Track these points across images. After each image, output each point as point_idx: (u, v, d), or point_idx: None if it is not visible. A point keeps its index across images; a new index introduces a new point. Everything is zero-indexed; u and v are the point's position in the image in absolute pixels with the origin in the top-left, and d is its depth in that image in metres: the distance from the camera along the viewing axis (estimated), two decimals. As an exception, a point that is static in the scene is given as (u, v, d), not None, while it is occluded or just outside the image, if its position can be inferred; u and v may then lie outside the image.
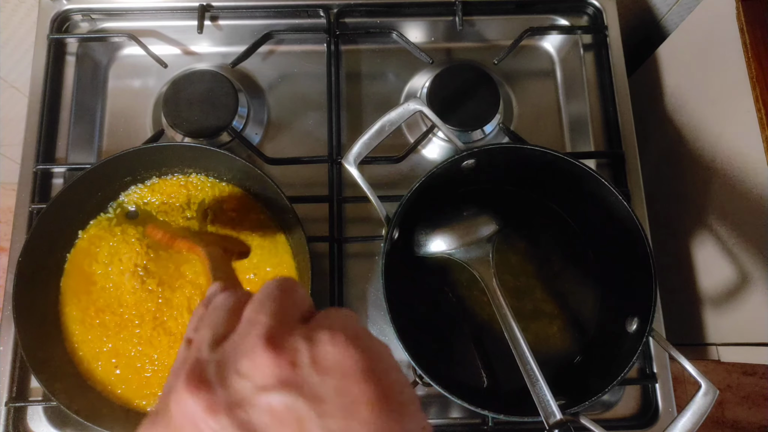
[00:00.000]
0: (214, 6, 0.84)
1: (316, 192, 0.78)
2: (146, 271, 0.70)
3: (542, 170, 0.69)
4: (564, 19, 0.88)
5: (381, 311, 0.76)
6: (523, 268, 0.74)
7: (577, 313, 0.73)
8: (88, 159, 0.81)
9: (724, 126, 0.78)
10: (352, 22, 0.86)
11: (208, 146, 0.69)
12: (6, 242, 0.94)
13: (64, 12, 0.84)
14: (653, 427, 0.72)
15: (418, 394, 0.73)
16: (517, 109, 0.85)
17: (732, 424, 1.46)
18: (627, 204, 0.63)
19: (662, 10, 0.97)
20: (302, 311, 0.34)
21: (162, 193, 0.73)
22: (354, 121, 0.84)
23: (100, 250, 0.70)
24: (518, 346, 0.60)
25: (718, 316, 0.83)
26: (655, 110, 0.94)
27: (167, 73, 0.83)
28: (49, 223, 0.67)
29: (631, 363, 0.59)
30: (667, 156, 0.92)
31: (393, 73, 0.86)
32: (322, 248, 0.75)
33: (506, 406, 0.61)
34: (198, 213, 0.72)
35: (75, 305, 0.69)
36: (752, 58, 0.68)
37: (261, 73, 0.86)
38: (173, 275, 0.70)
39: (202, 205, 0.73)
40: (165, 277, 0.70)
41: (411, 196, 0.64)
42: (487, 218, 0.70)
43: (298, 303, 0.34)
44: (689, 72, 0.86)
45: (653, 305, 0.61)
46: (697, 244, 0.86)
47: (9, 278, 0.67)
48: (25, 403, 0.70)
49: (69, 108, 0.82)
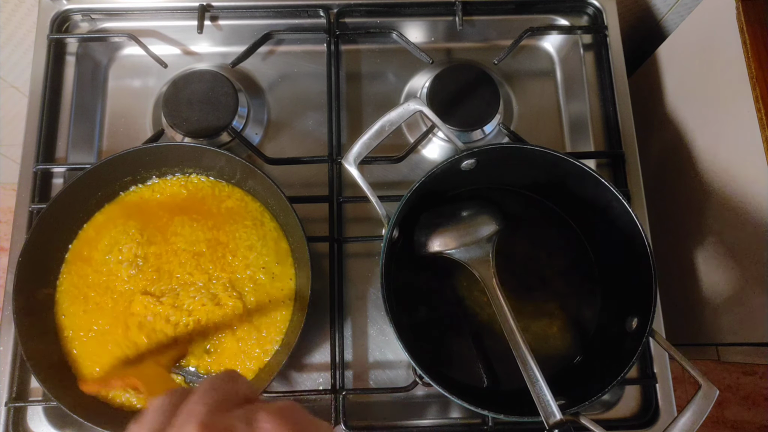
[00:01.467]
0: (214, 6, 0.84)
1: (316, 192, 0.78)
2: (143, 271, 0.70)
3: (542, 170, 0.69)
4: (564, 19, 0.88)
5: (381, 311, 0.76)
6: (523, 268, 0.74)
7: (577, 313, 0.73)
8: (88, 159, 0.82)
9: (724, 126, 0.78)
10: (352, 22, 0.86)
11: (207, 146, 0.69)
12: (6, 242, 0.94)
13: (64, 12, 0.84)
14: (653, 427, 0.72)
15: (418, 394, 0.73)
16: (517, 109, 0.85)
17: (732, 424, 1.46)
18: (627, 204, 0.63)
19: (662, 10, 0.97)
20: (245, 398, 0.35)
21: (162, 193, 0.73)
22: (354, 121, 0.84)
23: (99, 249, 0.71)
24: (518, 346, 0.60)
25: (718, 316, 0.83)
26: (655, 110, 0.94)
27: (167, 73, 0.83)
28: (49, 223, 0.67)
29: (631, 363, 0.59)
30: (667, 156, 0.92)
31: (393, 73, 0.86)
32: (322, 248, 0.75)
33: (506, 406, 0.61)
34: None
35: (74, 305, 0.69)
36: (752, 57, 0.68)
37: (261, 73, 0.86)
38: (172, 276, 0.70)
39: None
40: (164, 275, 0.70)
41: (411, 196, 0.64)
42: (487, 218, 0.70)
43: (240, 391, 0.36)
44: (689, 72, 0.86)
45: (653, 305, 0.61)
46: (697, 244, 0.86)
47: (9, 278, 0.67)
48: (25, 403, 0.70)
49: (69, 108, 0.82)
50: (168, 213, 0.72)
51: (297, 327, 0.65)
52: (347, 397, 0.72)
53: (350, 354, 0.74)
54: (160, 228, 0.72)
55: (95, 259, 0.70)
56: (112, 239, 0.71)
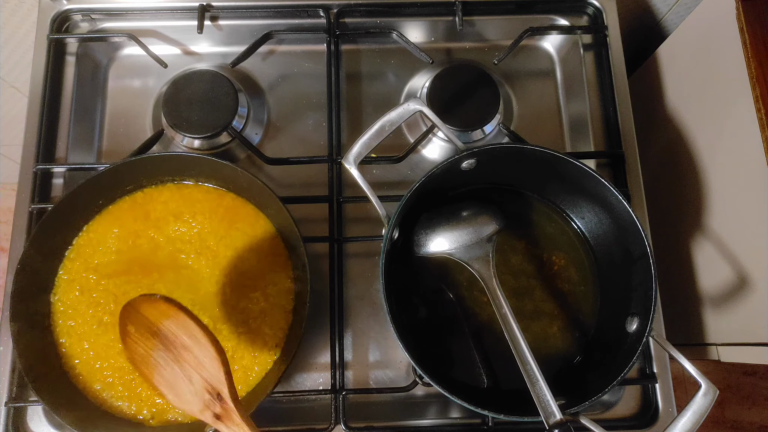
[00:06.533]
0: (214, 6, 0.84)
1: (316, 192, 0.78)
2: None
3: (542, 170, 0.69)
4: (564, 19, 0.88)
5: (381, 311, 0.76)
6: (523, 268, 0.74)
7: (577, 313, 0.73)
8: (88, 159, 0.82)
9: (723, 126, 0.78)
10: (352, 22, 0.86)
11: (204, 155, 0.69)
12: (6, 242, 0.94)
13: (64, 12, 0.84)
14: (653, 427, 0.72)
15: (418, 394, 0.73)
16: (517, 109, 0.85)
17: (732, 424, 1.46)
18: (627, 204, 0.63)
19: (662, 10, 0.97)
20: None
21: (158, 198, 0.73)
22: (354, 121, 0.84)
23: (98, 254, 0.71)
24: (518, 346, 0.60)
25: (718, 316, 0.83)
26: (655, 110, 0.94)
27: (167, 73, 0.83)
28: (48, 231, 0.67)
29: (631, 363, 0.59)
30: (667, 156, 0.92)
31: (393, 73, 0.86)
32: (322, 248, 0.75)
33: (506, 406, 0.61)
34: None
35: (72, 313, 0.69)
36: (752, 57, 0.68)
37: (261, 73, 0.86)
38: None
39: None
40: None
41: (411, 196, 0.64)
42: (487, 218, 0.70)
43: None
44: (689, 72, 0.86)
45: (653, 305, 0.61)
46: (697, 244, 0.86)
47: (9, 279, 0.67)
48: (25, 403, 0.70)
49: (69, 108, 0.82)
50: (164, 217, 0.72)
51: (298, 327, 0.65)
52: (347, 397, 0.72)
53: (350, 354, 0.74)
54: (157, 231, 0.72)
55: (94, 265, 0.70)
56: (110, 244, 0.71)
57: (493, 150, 0.66)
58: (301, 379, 0.74)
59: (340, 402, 0.71)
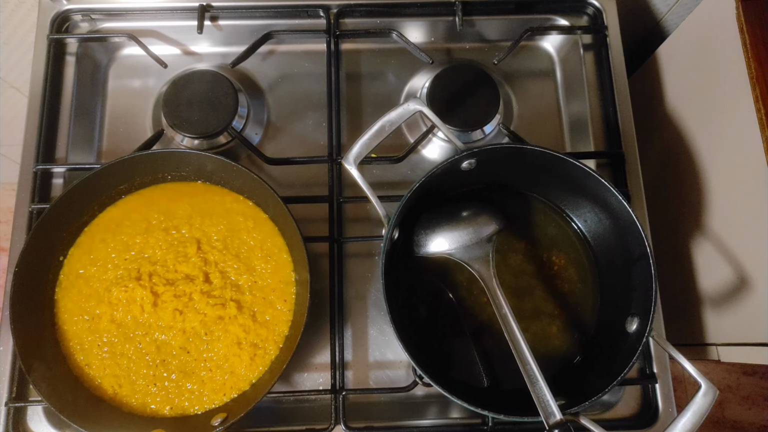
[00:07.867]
0: (214, 6, 0.84)
1: (316, 192, 0.78)
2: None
3: (542, 170, 0.69)
4: (564, 19, 0.88)
5: (381, 311, 0.76)
6: (523, 268, 0.74)
7: (577, 313, 0.73)
8: (88, 159, 0.82)
9: (724, 126, 0.78)
10: (352, 22, 0.86)
11: (203, 152, 0.69)
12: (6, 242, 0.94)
13: (64, 12, 0.84)
14: (653, 427, 0.72)
15: (418, 394, 0.73)
16: (517, 109, 0.85)
17: (732, 424, 1.46)
18: (627, 204, 0.63)
19: (662, 10, 0.97)
20: None
21: (157, 196, 0.73)
22: (354, 121, 0.84)
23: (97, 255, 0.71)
24: (518, 346, 0.60)
25: (718, 316, 0.83)
26: (655, 110, 0.94)
27: (167, 73, 0.83)
28: (46, 231, 0.67)
29: (631, 363, 0.59)
30: (667, 156, 0.92)
31: (393, 73, 0.86)
32: (322, 248, 0.75)
33: (506, 406, 0.61)
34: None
35: (71, 310, 0.69)
36: (752, 58, 0.68)
37: (261, 73, 0.86)
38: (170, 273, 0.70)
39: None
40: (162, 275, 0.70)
41: (411, 196, 0.64)
42: (487, 218, 0.70)
43: None
44: (689, 72, 0.86)
45: (653, 305, 0.61)
46: (697, 244, 0.86)
47: (9, 278, 0.67)
48: (25, 403, 0.70)
49: (69, 108, 0.82)
50: (164, 216, 0.73)
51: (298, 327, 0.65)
52: (347, 397, 0.72)
53: (350, 354, 0.74)
54: (157, 230, 0.72)
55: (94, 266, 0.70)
56: (109, 243, 0.71)
57: (493, 150, 0.66)
58: (301, 379, 0.74)
59: (340, 402, 0.71)
